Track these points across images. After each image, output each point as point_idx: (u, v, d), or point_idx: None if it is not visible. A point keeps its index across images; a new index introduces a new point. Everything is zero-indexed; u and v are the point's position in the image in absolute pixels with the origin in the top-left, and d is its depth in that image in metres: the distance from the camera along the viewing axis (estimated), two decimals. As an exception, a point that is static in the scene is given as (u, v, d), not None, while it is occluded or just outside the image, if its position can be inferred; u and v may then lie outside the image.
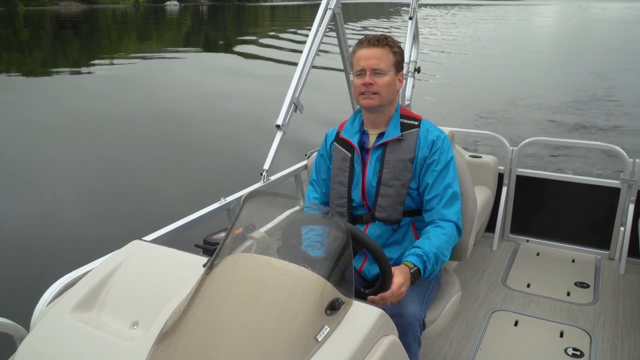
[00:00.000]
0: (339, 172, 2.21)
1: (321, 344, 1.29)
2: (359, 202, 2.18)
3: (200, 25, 52.95)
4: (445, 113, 12.33)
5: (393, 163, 2.10)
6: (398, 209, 2.12)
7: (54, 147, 9.84)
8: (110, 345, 1.41)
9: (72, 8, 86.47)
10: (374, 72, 2.06)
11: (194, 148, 9.63)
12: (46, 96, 15.11)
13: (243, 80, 17.10)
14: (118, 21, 58.86)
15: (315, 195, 2.35)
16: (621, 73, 19.36)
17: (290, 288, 1.36)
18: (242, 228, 1.67)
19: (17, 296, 4.00)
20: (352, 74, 2.15)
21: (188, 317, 1.31)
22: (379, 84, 2.06)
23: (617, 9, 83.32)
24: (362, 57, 2.08)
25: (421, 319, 1.98)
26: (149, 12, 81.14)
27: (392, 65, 2.09)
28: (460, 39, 34.54)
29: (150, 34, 42.77)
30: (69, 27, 47.91)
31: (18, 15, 66.65)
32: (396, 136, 2.12)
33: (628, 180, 3.62)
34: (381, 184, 2.11)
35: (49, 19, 59.62)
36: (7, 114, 12.62)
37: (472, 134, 6.23)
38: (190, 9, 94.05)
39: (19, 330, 1.68)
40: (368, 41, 2.09)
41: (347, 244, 1.51)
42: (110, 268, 1.67)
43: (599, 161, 8.78)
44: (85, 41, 35.22)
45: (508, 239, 4.09)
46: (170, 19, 65.28)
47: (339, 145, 2.23)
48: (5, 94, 15.29)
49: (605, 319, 3.07)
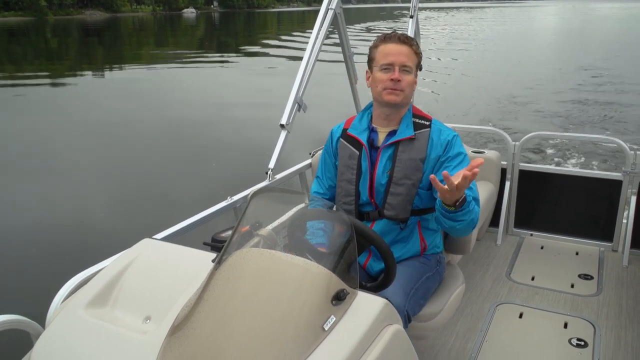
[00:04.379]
0: (345, 169, 2.20)
1: (328, 333, 1.34)
2: (366, 200, 2.19)
3: (214, 31, 54.99)
4: (447, 109, 12.36)
5: (405, 162, 2.10)
6: (407, 208, 2.13)
7: (73, 147, 10.14)
8: (124, 339, 1.45)
9: (97, 16, 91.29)
10: (403, 69, 2.06)
11: (208, 149, 9.82)
12: (64, 103, 15.54)
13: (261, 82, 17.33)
14: (137, 28, 61.13)
15: (320, 190, 2.37)
16: (621, 68, 19.33)
17: (297, 280, 1.40)
18: (249, 226, 1.71)
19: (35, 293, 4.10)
20: (373, 68, 2.12)
21: (199, 310, 1.35)
22: (406, 82, 2.07)
23: (612, 9, 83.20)
24: (392, 52, 2.06)
25: (404, 310, 1.95)
26: (166, 19, 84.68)
27: (415, 65, 2.11)
28: (460, 36, 34.56)
29: (166, 39, 44.39)
30: (93, 34, 50.00)
31: (48, 23, 69.77)
32: (409, 135, 2.11)
33: (630, 172, 3.64)
34: (392, 182, 2.11)
35: (76, 27, 62.25)
36: (34, 117, 13.04)
37: (474, 129, 6.25)
38: (204, 15, 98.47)
39: (35, 327, 1.73)
40: (398, 37, 2.09)
41: (351, 237, 1.55)
42: (122, 265, 1.72)
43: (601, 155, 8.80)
44: (108, 48, 36.77)
45: (512, 234, 4.12)
46: (187, 25, 67.59)
47: (346, 142, 2.22)
48: (35, 97, 15.89)
49: (609, 310, 3.10)
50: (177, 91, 16.47)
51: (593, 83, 16.55)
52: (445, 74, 18.51)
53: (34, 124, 12.31)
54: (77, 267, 1.89)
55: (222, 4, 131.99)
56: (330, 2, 3.34)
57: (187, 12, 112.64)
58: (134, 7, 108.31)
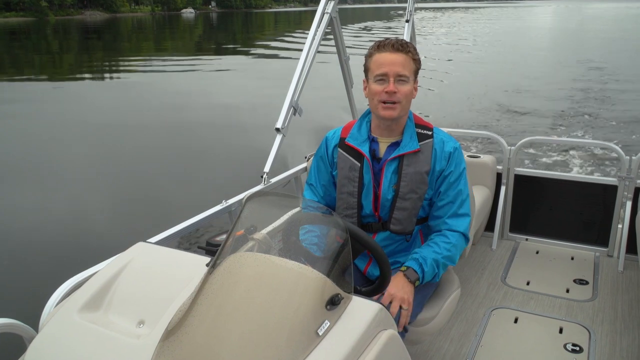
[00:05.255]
0: (346, 181, 2.12)
1: (322, 338, 1.34)
2: (369, 213, 2.13)
3: (213, 31, 55.50)
4: (442, 113, 12.40)
5: (411, 176, 2.04)
6: (412, 221, 2.10)
7: (69, 149, 10.17)
8: (118, 343, 1.45)
9: (96, 17, 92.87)
10: (398, 79, 1.96)
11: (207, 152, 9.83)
12: (61, 104, 15.58)
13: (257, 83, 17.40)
14: (135, 30, 61.42)
15: (314, 199, 2.27)
16: (618, 71, 19.45)
17: (291, 284, 1.40)
18: (243, 230, 1.71)
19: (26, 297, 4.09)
20: (369, 79, 2.03)
21: (192, 314, 1.35)
22: (402, 93, 1.97)
23: (608, 9, 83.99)
24: (386, 62, 1.96)
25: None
26: (165, 19, 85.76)
27: (413, 73, 2.01)
28: (455, 38, 34.74)
29: (165, 41, 44.67)
30: (94, 36, 50.42)
31: (49, 24, 70.51)
32: (415, 149, 2.04)
33: (625, 177, 3.65)
34: (398, 197, 2.06)
35: (76, 27, 62.83)
36: (32, 118, 13.12)
37: (469, 134, 6.26)
38: (202, 16, 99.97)
39: (28, 331, 1.72)
40: (392, 45, 1.97)
41: (346, 241, 1.55)
42: (116, 269, 1.72)
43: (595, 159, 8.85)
44: (108, 48, 37.21)
45: (507, 238, 4.13)
46: (187, 25, 68.36)
47: (345, 153, 2.13)
48: (36, 96, 16.04)
49: (604, 315, 3.10)
50: (175, 93, 16.51)
51: (591, 82, 16.66)
52: (439, 79, 18.55)
53: (29, 126, 12.32)
54: (71, 270, 1.88)
55: (219, 4, 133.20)
56: (326, 6, 3.35)
57: (186, 12, 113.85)
58: (133, 7, 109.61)
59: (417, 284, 2.00)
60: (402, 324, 1.91)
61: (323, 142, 2.25)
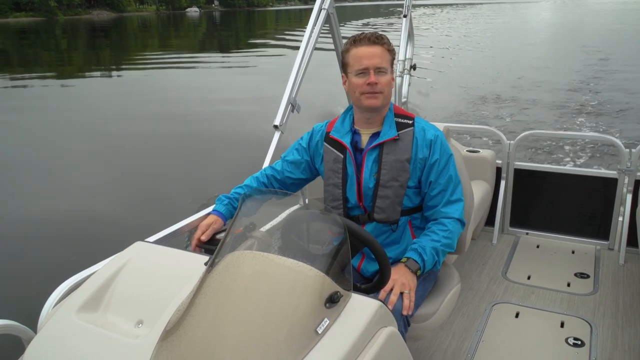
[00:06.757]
0: (331, 173, 2.18)
1: (321, 336, 1.33)
2: (354, 204, 2.18)
3: (217, 30, 56.13)
4: (442, 108, 12.39)
5: (391, 164, 2.09)
6: (396, 210, 2.13)
7: (71, 147, 10.21)
8: (116, 343, 1.44)
9: (104, 16, 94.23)
10: (378, 71, 2.03)
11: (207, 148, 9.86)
12: (64, 102, 15.67)
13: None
14: (142, 28, 62.38)
15: (273, 174, 2.31)
16: (617, 65, 19.42)
17: (290, 283, 1.39)
18: (242, 228, 1.70)
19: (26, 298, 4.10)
20: (348, 74, 2.10)
21: (191, 313, 1.34)
22: (383, 83, 2.04)
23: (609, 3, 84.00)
24: (364, 55, 2.02)
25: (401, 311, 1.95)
26: (170, 18, 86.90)
27: (389, 63, 2.08)
28: (454, 33, 34.72)
29: (171, 39, 45.02)
30: (100, 35, 50.70)
31: (58, 23, 71.66)
32: (393, 136, 2.09)
33: (625, 170, 3.64)
34: (379, 185, 2.10)
35: (84, 26, 63.64)
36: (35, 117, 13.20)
37: (468, 128, 6.25)
38: (206, 14, 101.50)
39: (27, 332, 1.71)
40: (368, 39, 2.04)
41: (344, 239, 1.54)
42: (114, 269, 1.71)
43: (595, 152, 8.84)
44: (115, 47, 37.61)
45: (508, 232, 4.12)
46: (191, 24, 69.25)
47: (330, 146, 2.20)
48: (43, 94, 16.18)
49: (606, 309, 3.10)
50: (180, 90, 16.60)
51: (589, 79, 16.62)
52: (440, 72, 18.53)
53: (32, 123, 12.35)
54: (69, 270, 1.88)
55: (222, 2, 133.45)
56: (323, 2, 3.33)
57: (191, 11, 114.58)
58: (139, 6, 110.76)
59: (418, 273, 2.01)
60: (407, 307, 1.89)
61: (311, 132, 2.33)
